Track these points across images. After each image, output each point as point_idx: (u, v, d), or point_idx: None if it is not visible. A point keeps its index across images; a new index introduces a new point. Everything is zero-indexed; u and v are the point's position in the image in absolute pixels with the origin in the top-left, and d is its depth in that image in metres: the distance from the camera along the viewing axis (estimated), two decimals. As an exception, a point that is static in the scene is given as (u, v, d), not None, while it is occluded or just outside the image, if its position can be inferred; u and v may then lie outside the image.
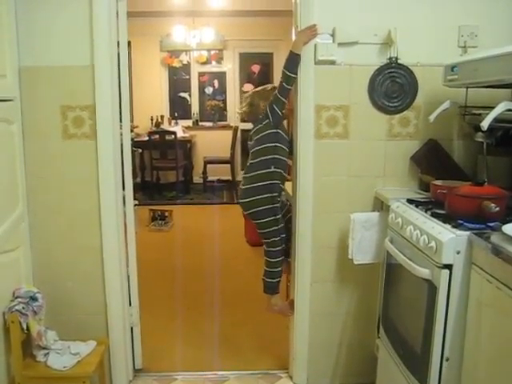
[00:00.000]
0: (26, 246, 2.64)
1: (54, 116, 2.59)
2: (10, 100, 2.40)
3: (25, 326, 2.34)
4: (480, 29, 2.59)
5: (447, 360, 1.92)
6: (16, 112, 2.50)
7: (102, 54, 2.54)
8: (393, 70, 2.60)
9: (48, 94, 2.57)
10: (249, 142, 2.92)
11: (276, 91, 2.68)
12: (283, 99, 2.66)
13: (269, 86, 2.96)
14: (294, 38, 2.65)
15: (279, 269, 2.86)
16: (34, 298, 2.44)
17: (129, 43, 2.78)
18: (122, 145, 2.75)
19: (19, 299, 2.38)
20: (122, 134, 2.75)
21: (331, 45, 2.56)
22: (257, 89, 3.02)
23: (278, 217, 2.78)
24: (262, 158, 2.77)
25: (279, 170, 2.77)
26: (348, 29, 2.55)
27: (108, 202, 2.66)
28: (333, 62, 2.59)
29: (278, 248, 2.80)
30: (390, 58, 2.59)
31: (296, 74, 2.59)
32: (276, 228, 2.77)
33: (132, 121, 6.25)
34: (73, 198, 2.66)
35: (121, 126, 2.75)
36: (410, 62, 2.60)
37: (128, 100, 2.74)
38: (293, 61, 2.56)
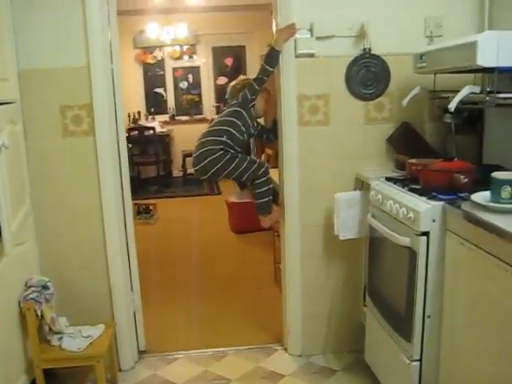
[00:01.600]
0: (33, 239, 2.80)
1: (53, 115, 2.75)
2: (13, 102, 2.55)
3: (39, 313, 2.52)
4: (444, 19, 2.81)
5: (429, 317, 2.14)
6: (18, 113, 2.65)
7: (97, 55, 2.70)
8: (367, 60, 2.81)
9: (47, 94, 2.73)
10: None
11: (252, 80, 2.86)
12: (256, 87, 2.83)
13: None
14: (274, 33, 2.84)
15: (266, 188, 2.92)
16: (45, 287, 2.61)
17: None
18: (118, 140, 2.92)
19: (32, 288, 2.56)
20: (117, 130, 2.91)
21: (310, 39, 2.76)
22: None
23: (241, 157, 2.88)
24: (216, 128, 2.93)
25: (230, 142, 2.88)
26: (325, 24, 2.75)
27: (108, 193, 2.83)
28: (312, 55, 2.78)
29: (259, 172, 2.88)
30: (364, 49, 2.80)
31: (274, 68, 2.78)
32: (247, 163, 2.87)
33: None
34: (75, 191, 2.83)
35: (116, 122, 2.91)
36: (382, 52, 2.81)
37: (121, 97, 2.90)
38: (273, 56, 2.74)
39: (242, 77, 3.25)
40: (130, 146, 7.55)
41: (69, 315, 2.77)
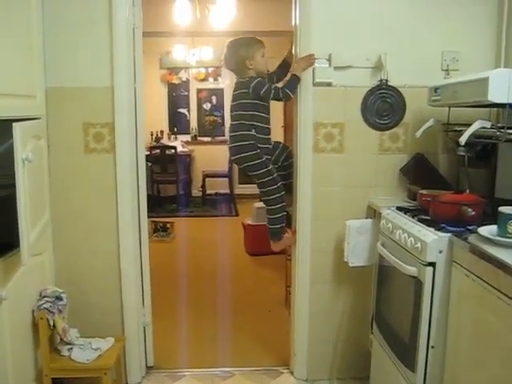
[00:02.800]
0: (50, 250, 2.88)
1: (76, 132, 2.84)
2: (38, 118, 2.65)
3: (51, 323, 2.58)
4: (461, 54, 2.86)
5: (433, 347, 2.16)
6: (43, 128, 2.75)
7: (121, 76, 2.80)
8: (383, 91, 2.87)
9: (71, 112, 2.83)
10: (231, 103, 2.95)
11: (273, 91, 2.75)
12: (270, 97, 2.77)
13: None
14: (293, 61, 2.92)
15: (280, 215, 2.90)
16: (59, 298, 2.68)
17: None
18: (137, 158, 3.00)
19: (46, 298, 2.63)
20: (137, 149, 2.99)
21: (328, 69, 2.83)
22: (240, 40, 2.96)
23: (268, 168, 2.84)
24: (243, 122, 2.84)
25: (259, 135, 2.83)
26: (343, 54, 2.82)
27: (125, 210, 2.91)
28: (329, 84, 2.85)
29: (274, 196, 2.86)
30: (381, 80, 2.86)
31: (294, 94, 2.83)
32: (270, 178, 2.85)
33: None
34: (93, 206, 2.91)
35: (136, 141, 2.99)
36: (399, 83, 2.87)
37: (143, 117, 2.99)
38: (294, 82, 2.80)
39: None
40: (150, 164, 7.68)
41: (80, 327, 2.82)
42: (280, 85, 2.90)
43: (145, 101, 3.02)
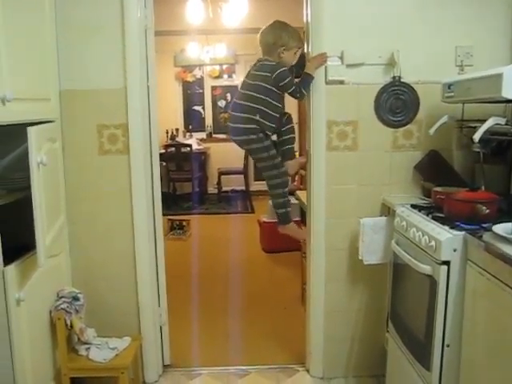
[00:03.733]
0: (67, 251, 2.92)
1: (90, 134, 2.87)
2: (53, 121, 2.68)
3: (69, 323, 2.62)
4: (475, 49, 2.83)
5: (448, 346, 2.15)
6: (58, 131, 2.78)
7: (134, 78, 2.83)
8: (396, 88, 2.85)
9: (85, 114, 2.86)
10: (245, 79, 2.91)
11: (293, 87, 2.75)
12: (291, 90, 2.76)
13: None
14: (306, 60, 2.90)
15: (283, 199, 2.90)
16: (76, 298, 2.71)
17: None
18: (151, 158, 3.02)
19: (63, 299, 2.66)
20: (151, 149, 3.01)
21: (340, 66, 2.82)
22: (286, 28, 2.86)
23: (271, 153, 2.83)
24: (250, 104, 2.78)
25: (264, 121, 2.78)
26: (355, 52, 2.81)
27: (140, 210, 2.93)
28: (342, 82, 2.84)
29: (277, 180, 2.87)
30: (394, 77, 2.84)
31: (308, 92, 2.84)
32: (272, 163, 2.85)
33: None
34: (108, 207, 2.94)
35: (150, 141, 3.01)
36: (412, 80, 2.85)
37: (157, 118, 3.01)
38: (307, 80, 2.80)
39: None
40: (165, 163, 7.71)
41: (97, 327, 2.85)
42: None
43: (159, 100, 3.05)
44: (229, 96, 9.63)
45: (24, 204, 2.26)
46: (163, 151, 8.06)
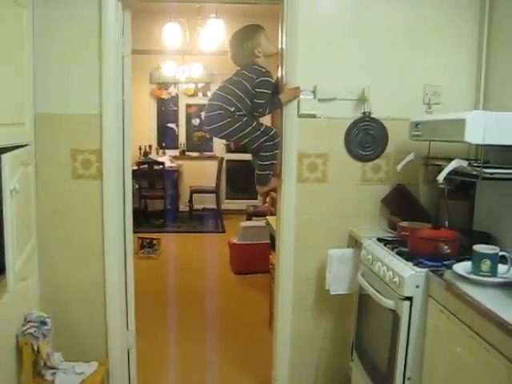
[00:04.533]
0: (36, 274, 2.91)
1: (64, 158, 2.89)
2: (27, 145, 2.69)
3: (36, 348, 2.60)
4: (442, 88, 2.95)
5: (409, 379, 2.21)
6: (31, 155, 2.79)
7: (110, 104, 2.85)
8: (366, 123, 2.94)
9: (60, 138, 2.88)
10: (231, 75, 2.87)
11: (263, 101, 2.73)
12: (256, 98, 2.73)
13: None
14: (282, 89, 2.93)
15: (269, 162, 2.83)
16: (43, 323, 2.69)
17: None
18: (124, 181, 3.05)
19: (31, 323, 2.64)
20: (124, 173, 3.04)
21: (312, 100, 2.90)
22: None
23: (253, 125, 2.75)
24: (228, 97, 2.73)
25: (238, 112, 2.73)
26: (327, 87, 2.89)
27: (111, 233, 2.95)
28: (314, 116, 2.92)
29: (268, 143, 2.77)
30: (364, 113, 2.93)
31: (267, 114, 2.84)
32: (259, 132, 2.76)
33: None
34: (79, 231, 2.94)
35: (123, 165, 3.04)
36: (382, 115, 2.94)
37: (131, 143, 3.04)
38: (275, 106, 2.84)
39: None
40: (137, 186, 7.68)
41: (64, 350, 2.85)
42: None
43: (133, 116, 3.08)
44: (203, 114, 9.66)
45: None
46: (135, 168, 8.04)
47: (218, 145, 9.48)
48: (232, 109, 2.72)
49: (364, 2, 2.91)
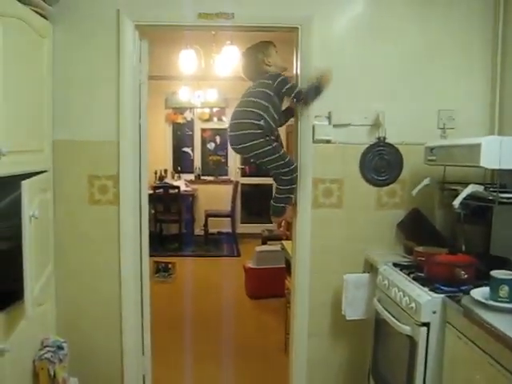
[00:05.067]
0: (53, 299, 2.93)
1: (81, 184, 2.93)
2: (45, 171, 2.73)
3: (52, 373, 2.61)
4: (456, 112, 2.97)
5: (427, 406, 2.20)
6: (49, 181, 2.83)
7: (127, 131, 2.91)
8: (381, 148, 2.96)
9: (77, 164, 2.93)
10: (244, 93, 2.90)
11: (297, 89, 2.77)
12: (290, 94, 2.78)
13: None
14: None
15: (286, 195, 2.85)
16: (60, 347, 2.72)
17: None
18: (140, 206, 3.08)
19: (48, 348, 2.67)
20: (140, 198, 3.07)
21: (327, 126, 2.93)
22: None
23: (280, 153, 2.76)
24: (252, 109, 2.74)
25: (266, 124, 2.74)
26: (342, 112, 2.92)
27: (127, 258, 2.98)
28: (329, 141, 2.95)
29: (289, 177, 2.79)
30: (379, 138, 2.95)
31: (312, 101, 2.83)
32: (283, 162, 2.76)
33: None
34: (96, 256, 2.97)
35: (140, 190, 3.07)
36: (396, 141, 2.96)
37: (147, 168, 3.08)
38: (315, 89, 2.76)
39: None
40: (153, 211, 7.70)
41: (80, 376, 2.86)
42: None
43: (149, 140, 3.12)
44: (218, 139, 9.74)
45: (11, 252, 2.30)
46: (151, 192, 8.08)
47: (233, 169, 9.53)
48: (261, 122, 2.71)
49: (377, 29, 2.95)
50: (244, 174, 9.52)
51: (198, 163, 9.73)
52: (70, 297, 2.99)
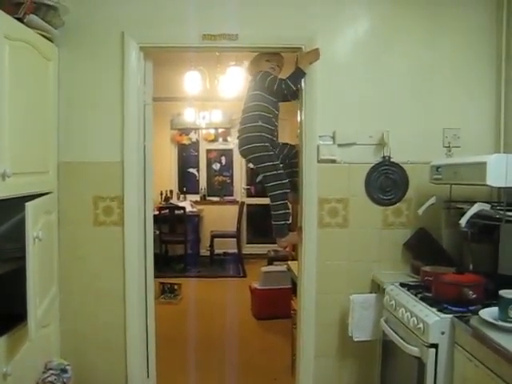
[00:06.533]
0: (56, 322, 2.91)
1: (86, 205, 2.93)
2: (50, 192, 2.73)
3: (56, 397, 2.59)
4: (462, 131, 2.96)
5: (436, 430, 2.15)
6: (54, 202, 2.83)
7: (131, 152, 2.91)
8: (386, 168, 2.95)
9: (82, 186, 2.93)
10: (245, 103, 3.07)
11: (278, 82, 2.86)
12: (280, 89, 2.86)
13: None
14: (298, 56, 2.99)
15: (282, 211, 2.90)
16: (64, 370, 2.69)
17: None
18: (145, 227, 3.07)
19: (51, 371, 2.65)
20: (145, 220, 3.06)
21: (332, 146, 2.92)
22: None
23: (274, 163, 2.87)
24: (251, 113, 2.95)
25: (265, 125, 2.90)
26: (346, 132, 2.92)
27: (132, 279, 2.97)
28: (333, 161, 2.94)
29: (278, 192, 2.87)
30: (384, 157, 2.94)
31: (296, 87, 2.89)
32: (275, 173, 2.86)
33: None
34: (100, 277, 2.96)
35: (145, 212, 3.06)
36: (402, 160, 2.95)
37: (152, 189, 3.08)
38: (298, 76, 2.89)
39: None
40: (158, 232, 7.70)
41: (84, 399, 2.83)
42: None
43: (154, 161, 3.14)
44: (223, 159, 9.76)
45: (15, 274, 2.29)
46: (157, 213, 8.07)
47: (239, 189, 9.52)
48: (259, 122, 2.90)
49: (381, 48, 2.96)
50: (249, 195, 9.51)
51: (203, 184, 9.73)
52: (73, 319, 2.96)
